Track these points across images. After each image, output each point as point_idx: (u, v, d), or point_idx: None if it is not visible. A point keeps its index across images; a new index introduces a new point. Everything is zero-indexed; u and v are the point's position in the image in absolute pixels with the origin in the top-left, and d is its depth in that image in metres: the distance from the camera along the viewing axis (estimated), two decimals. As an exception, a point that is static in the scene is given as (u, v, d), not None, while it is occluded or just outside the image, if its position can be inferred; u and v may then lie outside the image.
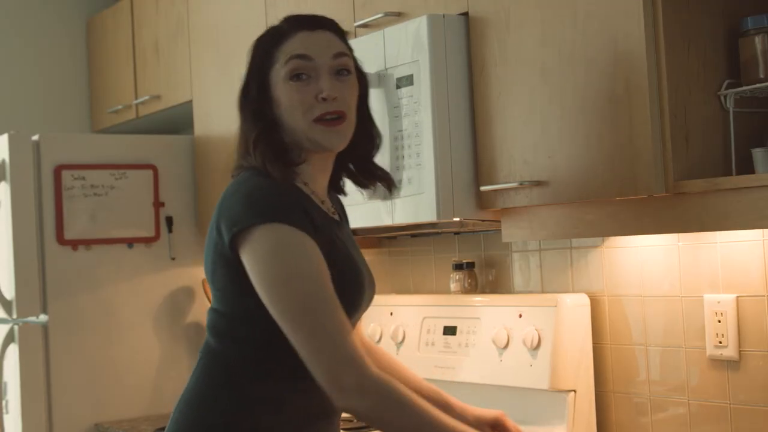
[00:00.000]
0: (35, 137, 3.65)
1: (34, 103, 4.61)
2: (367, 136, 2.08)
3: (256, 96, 1.99)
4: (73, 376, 3.65)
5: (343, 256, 1.97)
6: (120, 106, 4.30)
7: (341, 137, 1.97)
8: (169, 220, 3.80)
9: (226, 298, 1.96)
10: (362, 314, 2.07)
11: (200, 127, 3.80)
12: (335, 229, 2.01)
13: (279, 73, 1.96)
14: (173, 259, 3.81)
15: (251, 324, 1.92)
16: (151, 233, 3.78)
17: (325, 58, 1.96)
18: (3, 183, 3.64)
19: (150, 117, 4.16)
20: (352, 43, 2.79)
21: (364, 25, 2.83)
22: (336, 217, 2.05)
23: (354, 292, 1.97)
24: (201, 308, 3.83)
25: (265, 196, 1.89)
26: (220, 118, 3.65)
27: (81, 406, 3.65)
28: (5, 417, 3.67)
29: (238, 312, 1.94)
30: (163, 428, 3.32)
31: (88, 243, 3.68)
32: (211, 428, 1.94)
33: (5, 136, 3.64)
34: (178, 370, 3.79)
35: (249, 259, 1.86)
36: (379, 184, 2.12)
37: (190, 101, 3.83)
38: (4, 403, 3.68)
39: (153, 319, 3.79)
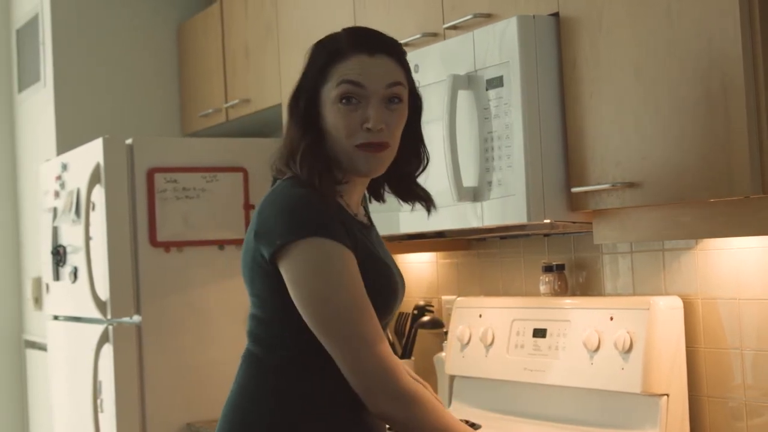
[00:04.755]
0: (129, 141, 3.72)
1: (128, 107, 4.69)
2: (414, 156, 2.10)
3: (305, 107, 2.00)
4: (165, 375, 3.70)
5: (379, 262, 2.02)
6: (210, 110, 4.36)
7: (380, 164, 2.00)
8: (259, 222, 3.83)
9: (264, 304, 1.99)
10: (394, 316, 2.13)
11: (289, 130, 3.82)
12: (369, 235, 2.05)
13: (330, 92, 1.97)
14: (263, 260, 3.84)
15: (290, 329, 1.95)
16: (242, 235, 3.80)
17: (378, 87, 1.96)
18: (98, 186, 3.71)
19: (240, 120, 4.20)
20: (442, 46, 2.80)
21: (454, 27, 2.83)
22: (367, 222, 2.10)
23: (388, 296, 2.02)
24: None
25: (306, 210, 1.92)
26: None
27: (173, 405, 3.71)
28: (100, 415, 3.74)
29: (277, 318, 1.97)
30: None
31: (180, 245, 3.74)
32: None
33: (100, 140, 3.71)
34: (267, 371, 3.82)
35: (289, 273, 1.90)
36: (418, 203, 2.15)
37: (280, 104, 3.86)
38: (99, 401, 3.74)
39: (243, 320, 3.79)
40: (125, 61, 4.71)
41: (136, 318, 3.68)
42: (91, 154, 3.77)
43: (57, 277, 4.13)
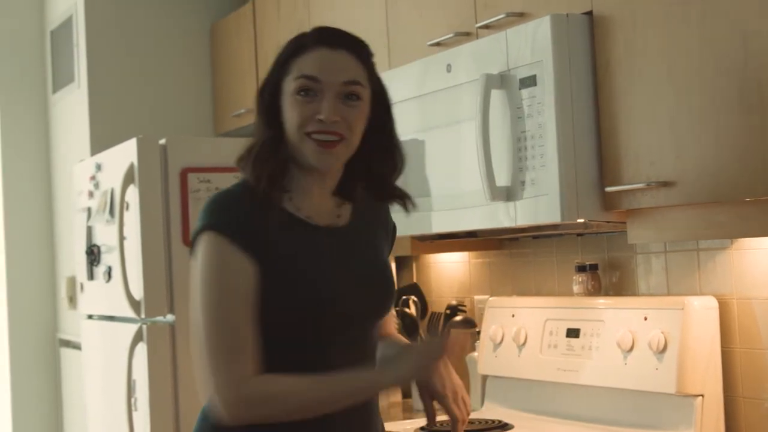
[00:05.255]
0: (162, 141, 3.73)
1: (161, 107, 4.71)
2: (388, 158, 2.08)
3: (268, 100, 2.02)
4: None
5: (301, 273, 1.95)
6: (243, 110, 4.37)
7: (332, 159, 1.98)
8: (292, 222, 3.84)
9: None
10: (355, 326, 2.01)
11: (322, 130, 3.83)
12: (314, 241, 2.00)
13: (289, 85, 1.98)
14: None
15: None
16: (274, 235, 3.83)
17: (334, 81, 1.96)
18: (132, 186, 3.73)
19: (272, 120, 4.21)
20: (474, 45, 2.80)
21: (486, 26, 2.82)
22: (327, 225, 2.03)
23: (306, 310, 1.94)
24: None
25: (218, 205, 1.98)
26: (341, 120, 3.68)
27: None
28: (134, 414, 3.76)
29: None
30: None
31: (213, 244, 3.74)
32: None
33: (134, 141, 3.73)
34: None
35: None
36: (395, 203, 2.13)
37: (312, 104, 3.86)
38: (132, 400, 3.76)
39: (276, 319, 3.83)
40: (158, 62, 4.73)
41: (170, 317, 3.70)
42: (125, 154, 3.79)
43: (91, 276, 4.16)
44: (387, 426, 2.29)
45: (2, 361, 5.18)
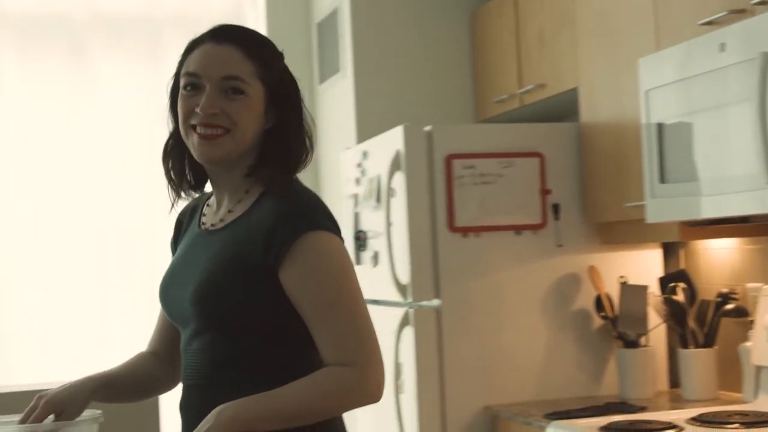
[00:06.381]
0: (428, 128, 3.80)
1: (423, 95, 4.79)
2: (285, 152, 2.03)
3: (171, 99, 2.07)
4: (464, 358, 3.76)
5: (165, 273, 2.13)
6: (505, 96, 4.38)
7: (214, 150, 1.99)
8: (556, 207, 3.84)
9: None
10: (176, 321, 2.08)
11: (586, 114, 3.80)
12: (187, 242, 2.11)
13: (181, 82, 2.03)
14: (560, 246, 3.84)
15: None
16: (538, 220, 3.83)
17: (213, 75, 1.98)
18: (398, 173, 3.82)
19: (534, 105, 4.21)
20: (749, 22, 2.69)
21: (763, 2, 2.71)
22: (203, 226, 2.09)
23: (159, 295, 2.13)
24: (587, 296, 3.83)
25: None
26: (606, 104, 3.63)
27: (472, 388, 3.77)
28: (401, 396, 3.85)
29: None
30: (552, 414, 3.37)
31: (477, 230, 3.79)
32: None
33: (400, 128, 3.81)
34: (564, 357, 3.83)
35: None
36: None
37: (575, 89, 3.84)
38: (399, 382, 3.86)
39: (540, 305, 3.84)
40: (420, 50, 4.81)
41: (436, 302, 3.76)
42: (391, 141, 3.88)
43: (358, 261, 4.28)
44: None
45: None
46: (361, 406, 1.93)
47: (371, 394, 1.90)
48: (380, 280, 3.98)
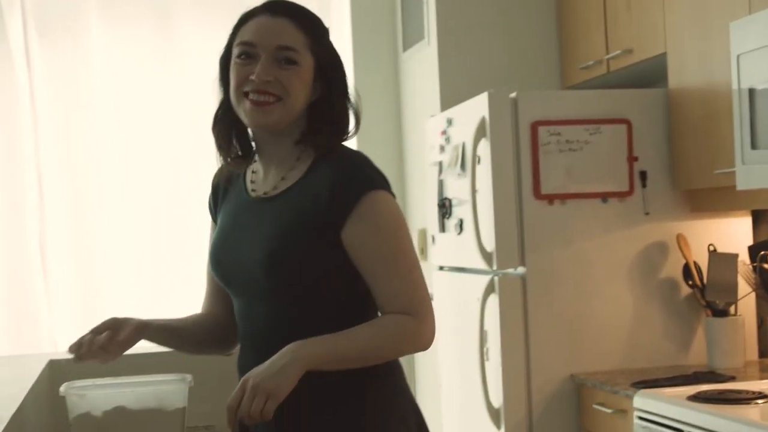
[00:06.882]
0: (513, 95, 3.77)
1: (508, 61, 4.75)
2: (333, 118, 2.11)
3: (223, 69, 2.14)
4: (549, 326, 3.75)
5: (216, 234, 2.19)
6: (591, 62, 4.33)
7: (266, 117, 2.05)
8: (643, 175, 3.79)
9: None
10: (236, 287, 2.14)
11: (674, 80, 3.73)
12: (236, 211, 2.16)
13: (234, 52, 2.09)
14: (647, 214, 3.80)
15: None
16: (625, 188, 3.79)
17: (268, 45, 2.05)
18: (483, 140, 3.80)
19: (621, 71, 4.15)
20: None
21: None
22: (255, 194, 2.14)
23: (212, 271, 2.19)
24: (675, 265, 3.78)
25: None
26: (695, 70, 3.57)
27: (557, 356, 3.75)
28: (486, 363, 3.85)
29: None
30: (639, 382, 3.34)
31: (563, 197, 3.76)
32: None
33: (485, 95, 3.79)
34: (651, 326, 3.79)
35: None
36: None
37: (664, 54, 3.77)
38: (485, 350, 3.85)
39: (626, 274, 3.80)
40: (505, 16, 4.76)
41: (521, 269, 3.75)
42: (476, 108, 3.86)
43: (442, 228, 4.28)
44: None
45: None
46: (416, 352, 2.09)
47: (427, 342, 2.05)
48: (465, 247, 3.98)
